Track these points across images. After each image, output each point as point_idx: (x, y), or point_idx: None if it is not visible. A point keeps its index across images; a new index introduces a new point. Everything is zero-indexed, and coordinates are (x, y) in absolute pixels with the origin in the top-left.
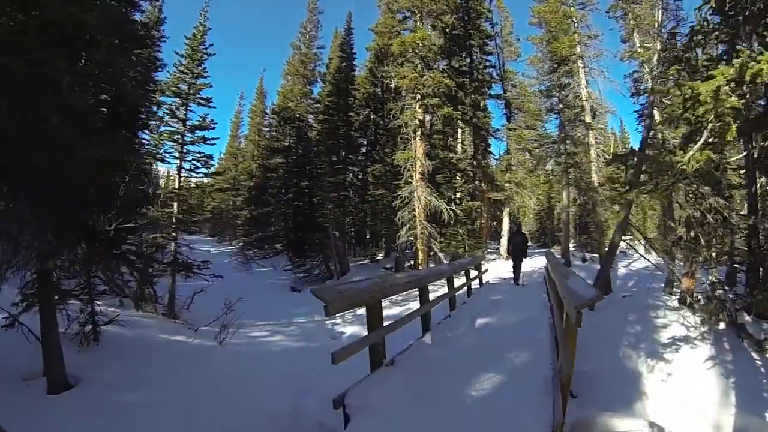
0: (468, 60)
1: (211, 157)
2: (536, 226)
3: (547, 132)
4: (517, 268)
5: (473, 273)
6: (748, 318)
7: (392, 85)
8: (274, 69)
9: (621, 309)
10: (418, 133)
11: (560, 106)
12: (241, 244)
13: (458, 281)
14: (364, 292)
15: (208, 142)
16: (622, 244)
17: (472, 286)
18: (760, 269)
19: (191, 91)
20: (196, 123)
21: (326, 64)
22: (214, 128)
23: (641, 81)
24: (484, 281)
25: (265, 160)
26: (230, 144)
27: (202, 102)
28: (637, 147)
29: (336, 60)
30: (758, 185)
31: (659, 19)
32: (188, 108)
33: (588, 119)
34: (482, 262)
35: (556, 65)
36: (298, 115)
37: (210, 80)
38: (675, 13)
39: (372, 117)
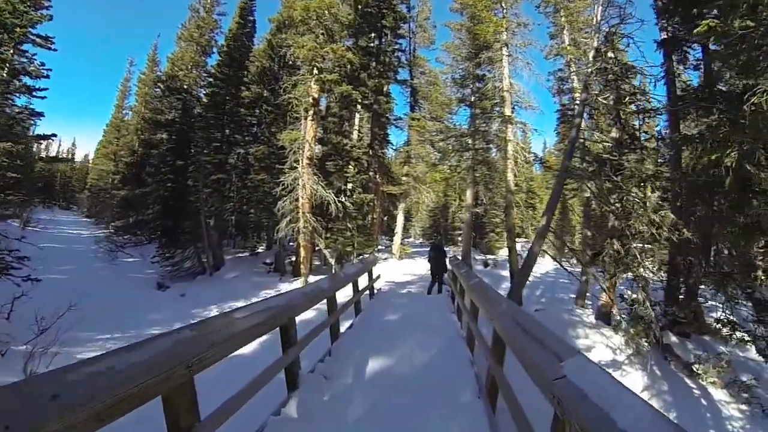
0: (377, 42)
1: (40, 114)
2: (429, 223)
3: (455, 125)
4: (435, 283)
5: (363, 281)
6: (674, 338)
7: (290, 58)
8: (173, 34)
9: None
10: (311, 112)
11: (472, 98)
12: (113, 229)
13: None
14: (131, 378)
15: (35, 93)
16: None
17: (364, 298)
18: (682, 286)
19: (22, 23)
20: (19, 67)
21: (225, 35)
22: (47, 77)
23: (566, 80)
24: (376, 289)
25: (148, 134)
26: (115, 115)
27: (39, 41)
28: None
29: (234, 27)
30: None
31: (599, 17)
32: (17, 47)
33: (508, 112)
34: (373, 267)
35: (475, 52)
36: (185, 86)
37: (53, 12)
38: (620, 10)
39: (264, 95)
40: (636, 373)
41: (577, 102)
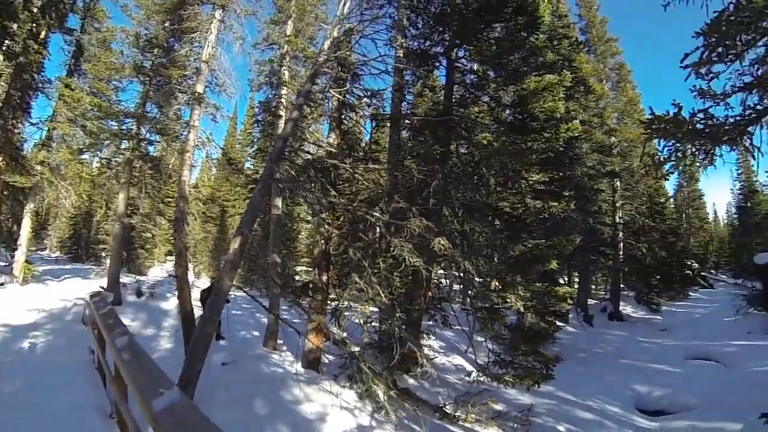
0: None
1: None
2: (69, 233)
3: (121, 103)
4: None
5: None
6: (411, 380)
7: None
8: None
9: (234, 392)
10: None
11: (151, 72)
12: None
13: None
14: None
15: None
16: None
17: None
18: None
19: None
20: None
21: None
22: None
23: (276, 73)
24: None
25: None
26: None
27: None
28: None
29: None
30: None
31: (345, 8)
32: None
33: (200, 89)
34: None
35: (178, 5)
36: None
37: None
38: (376, 10)
39: None
40: None
41: (282, 98)
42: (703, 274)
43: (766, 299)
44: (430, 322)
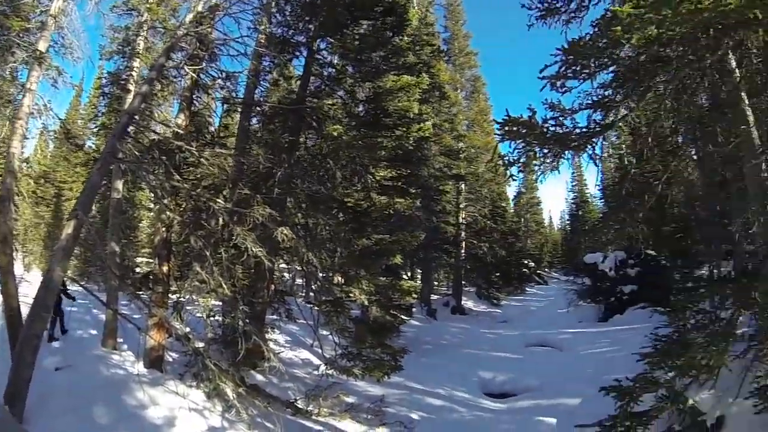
0: None
1: None
2: None
3: None
4: None
5: None
6: (259, 377)
7: None
8: None
9: (70, 400)
10: None
11: None
12: None
13: None
14: None
15: None
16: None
17: None
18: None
19: None
20: None
21: None
22: None
23: (131, 42)
24: None
25: None
26: None
27: None
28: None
29: None
30: None
31: None
32: None
33: (43, 47)
34: None
35: None
36: None
37: None
38: None
39: None
40: None
41: (134, 71)
42: (538, 271)
43: (594, 293)
44: (274, 316)
